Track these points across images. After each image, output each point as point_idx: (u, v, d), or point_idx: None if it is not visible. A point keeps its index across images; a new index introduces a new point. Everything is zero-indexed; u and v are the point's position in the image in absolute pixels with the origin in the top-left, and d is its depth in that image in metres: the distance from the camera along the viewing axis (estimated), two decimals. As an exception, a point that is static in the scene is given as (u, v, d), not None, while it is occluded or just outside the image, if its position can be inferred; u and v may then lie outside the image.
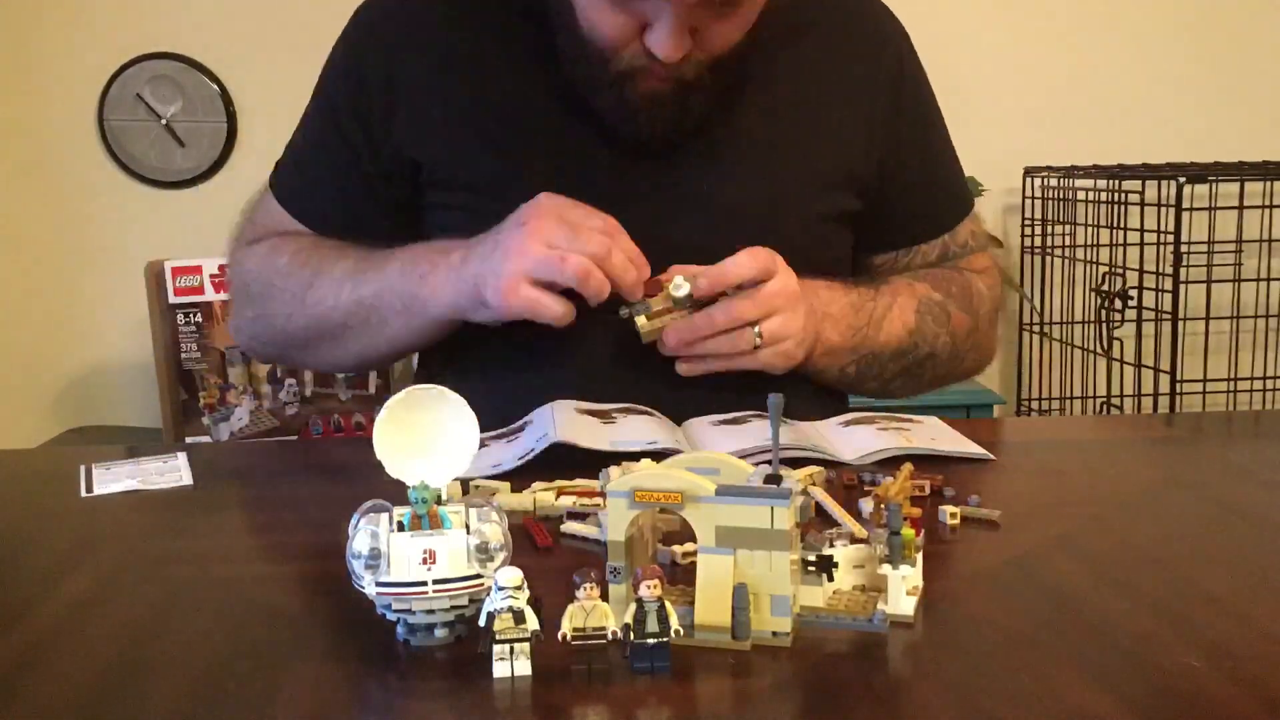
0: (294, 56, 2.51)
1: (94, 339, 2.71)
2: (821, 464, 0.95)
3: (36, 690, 0.62)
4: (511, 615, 0.59)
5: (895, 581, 0.67)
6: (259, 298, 1.21)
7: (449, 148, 1.16)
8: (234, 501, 0.98)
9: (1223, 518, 0.87)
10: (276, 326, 1.20)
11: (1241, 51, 2.78)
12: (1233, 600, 0.70)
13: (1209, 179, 2.38)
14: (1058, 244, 2.66)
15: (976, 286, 1.26)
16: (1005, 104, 2.74)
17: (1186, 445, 1.13)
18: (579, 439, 0.96)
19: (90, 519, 0.90)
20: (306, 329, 1.18)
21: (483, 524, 0.63)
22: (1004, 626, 0.67)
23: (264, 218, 1.25)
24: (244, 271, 1.23)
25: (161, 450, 1.07)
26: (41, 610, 0.72)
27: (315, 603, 0.73)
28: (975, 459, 1.00)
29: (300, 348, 1.21)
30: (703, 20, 1.03)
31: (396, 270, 1.11)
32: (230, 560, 0.81)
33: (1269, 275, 2.52)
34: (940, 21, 2.67)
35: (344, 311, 1.14)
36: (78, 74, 2.63)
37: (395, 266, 1.12)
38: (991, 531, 0.83)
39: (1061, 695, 0.58)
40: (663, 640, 0.60)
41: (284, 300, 1.18)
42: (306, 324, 1.17)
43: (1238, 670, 0.61)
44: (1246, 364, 2.57)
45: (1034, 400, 2.73)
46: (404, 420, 0.67)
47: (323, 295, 1.15)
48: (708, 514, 0.63)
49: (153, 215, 2.68)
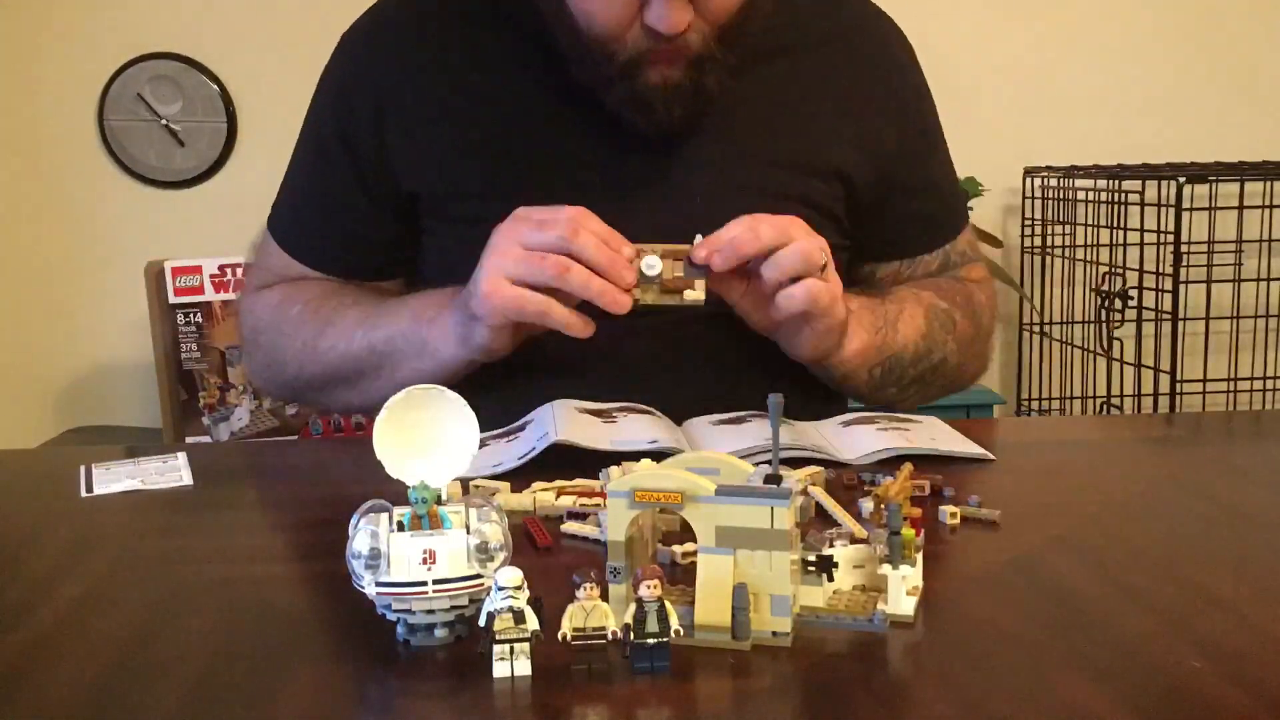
0: (294, 56, 2.50)
1: (94, 339, 2.71)
2: (821, 464, 0.95)
3: (36, 690, 0.62)
4: (511, 615, 0.59)
5: (895, 581, 0.67)
6: (269, 347, 1.21)
7: (444, 178, 1.15)
8: (234, 501, 0.98)
9: (1223, 518, 0.87)
10: (289, 374, 1.20)
11: (1241, 51, 2.78)
12: (1233, 600, 0.70)
13: (1209, 179, 2.38)
14: (1058, 244, 2.66)
15: (977, 296, 1.26)
16: (1005, 104, 2.74)
17: (1186, 445, 1.13)
18: (579, 439, 0.96)
19: (90, 519, 0.90)
20: (319, 376, 1.18)
21: (483, 524, 0.63)
22: (1004, 626, 0.67)
23: (269, 260, 1.25)
24: (255, 319, 1.23)
25: (161, 450, 1.07)
26: (41, 610, 0.72)
27: (315, 603, 0.73)
28: (975, 459, 1.00)
29: (317, 391, 1.21)
30: None
31: (408, 316, 1.11)
32: (230, 560, 0.81)
33: (1269, 275, 2.52)
34: (940, 21, 2.67)
35: (355, 358, 1.14)
36: (78, 74, 2.63)
37: (407, 314, 1.12)
38: (991, 531, 0.83)
39: (1061, 695, 0.58)
40: (663, 640, 0.60)
41: (295, 349, 1.18)
42: (319, 371, 1.17)
43: (1238, 670, 0.61)
44: (1246, 364, 2.57)
45: (1034, 400, 2.73)
46: (404, 420, 0.67)
47: (334, 342, 1.15)
48: (708, 514, 0.63)
49: (153, 215, 2.68)
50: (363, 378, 1.15)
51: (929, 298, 1.20)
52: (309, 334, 1.17)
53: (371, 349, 1.13)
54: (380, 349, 1.12)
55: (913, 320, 1.17)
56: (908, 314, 1.17)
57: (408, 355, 1.11)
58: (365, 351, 1.13)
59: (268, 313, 1.21)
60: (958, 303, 1.22)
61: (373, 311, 1.15)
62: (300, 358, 1.18)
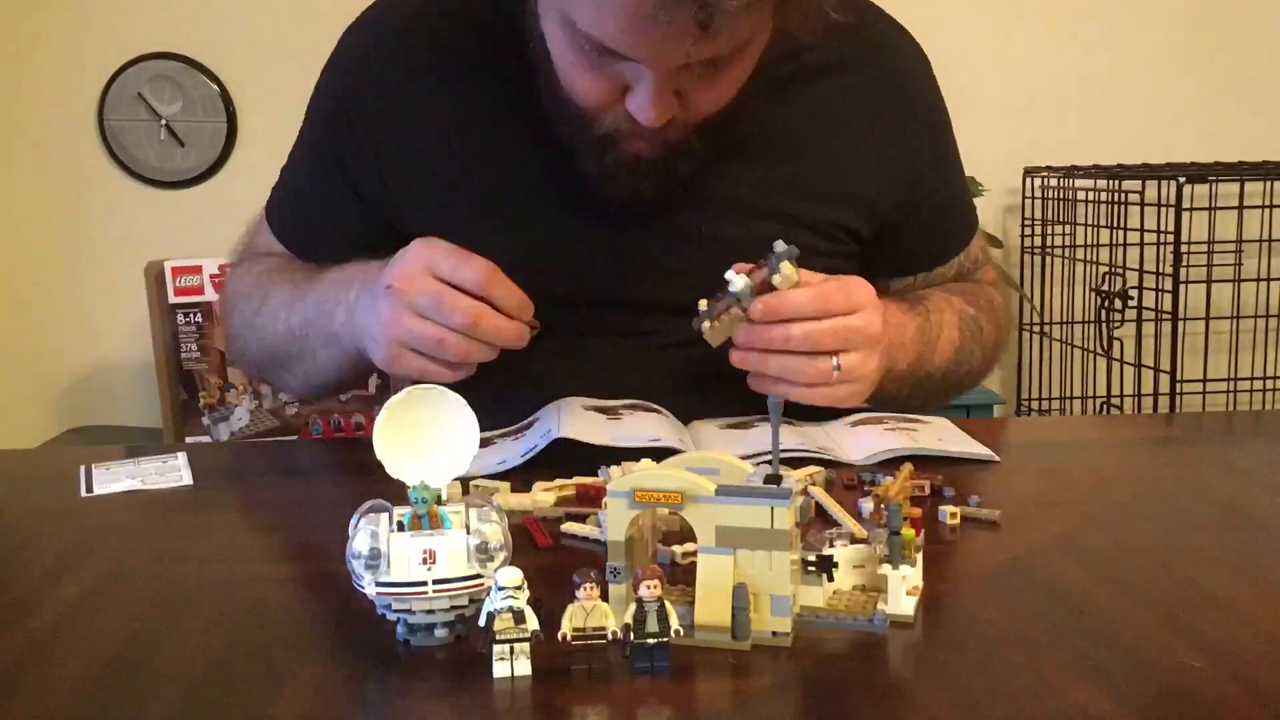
0: (294, 56, 2.50)
1: (94, 339, 2.71)
2: (822, 464, 0.95)
3: (37, 690, 0.62)
4: (511, 615, 0.59)
5: (895, 581, 0.67)
6: (228, 318, 1.23)
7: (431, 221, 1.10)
8: (234, 501, 0.98)
9: (1223, 518, 0.87)
10: (238, 348, 1.22)
11: (1241, 52, 2.78)
12: (1233, 600, 0.70)
13: (1209, 179, 2.38)
14: (1058, 244, 2.66)
15: (995, 299, 1.26)
16: (1005, 104, 2.74)
17: (1186, 445, 1.13)
18: (581, 435, 0.96)
19: (90, 519, 0.90)
20: (260, 353, 1.19)
21: (483, 524, 0.63)
22: (1004, 626, 0.67)
23: (259, 239, 1.26)
24: (227, 292, 1.25)
25: (161, 450, 1.07)
26: (41, 610, 0.72)
27: (315, 603, 0.73)
28: (976, 459, 1.00)
29: (264, 370, 1.22)
30: (687, 83, 0.96)
31: (314, 303, 1.10)
32: (230, 560, 0.81)
33: (1269, 275, 2.52)
34: (941, 21, 2.66)
35: (284, 337, 1.14)
36: (78, 74, 2.63)
37: (314, 300, 1.10)
38: (991, 531, 0.83)
39: (1061, 695, 0.58)
40: (663, 640, 0.60)
41: (242, 323, 1.19)
42: (259, 348, 1.18)
43: (1238, 670, 0.61)
44: (1246, 364, 2.57)
45: (1034, 400, 2.73)
46: (404, 420, 0.67)
47: (266, 321, 1.15)
48: (708, 514, 0.63)
49: (153, 215, 2.68)
50: (291, 359, 1.15)
51: (959, 304, 1.19)
52: (249, 310, 1.18)
53: (291, 332, 1.12)
54: (299, 333, 1.12)
55: (950, 337, 1.15)
56: (947, 329, 1.15)
57: (319, 342, 1.10)
58: (287, 333, 1.13)
59: (234, 284, 1.23)
60: (982, 307, 1.22)
61: (297, 293, 1.13)
62: (243, 331, 1.19)
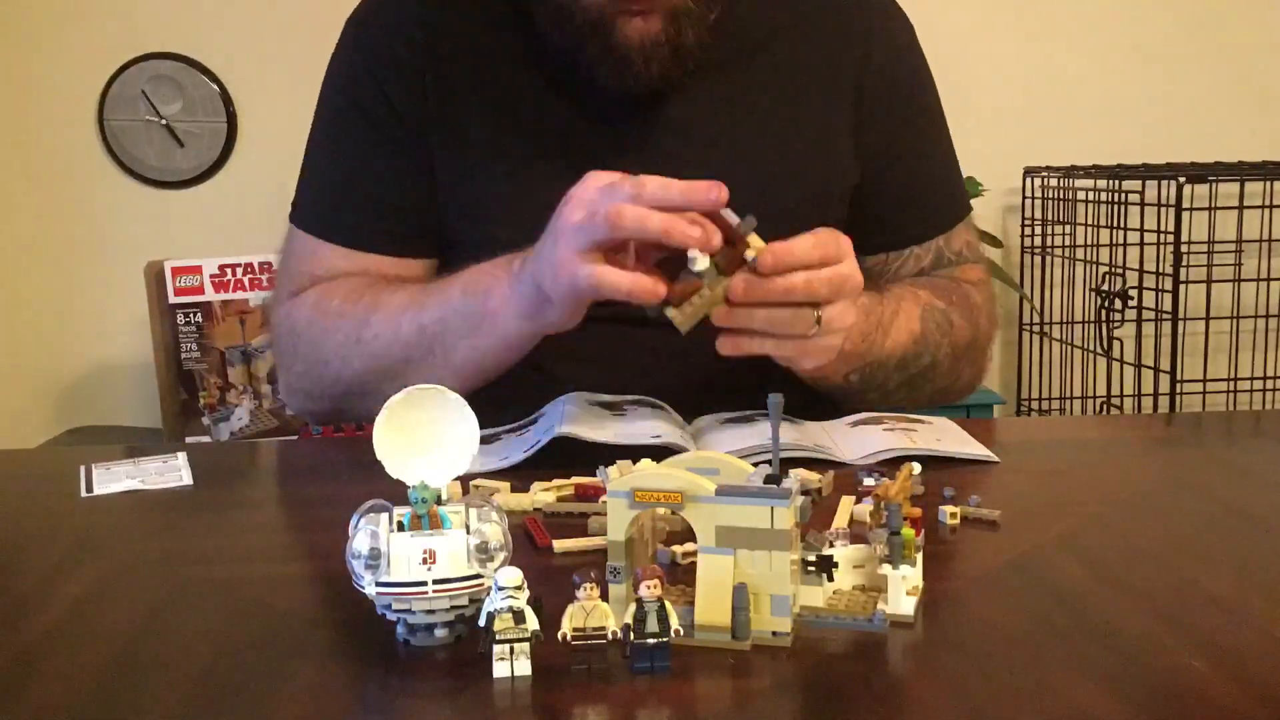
0: (294, 56, 2.51)
1: (94, 339, 2.71)
2: (822, 464, 0.95)
3: (36, 690, 0.62)
4: (511, 615, 0.59)
5: (895, 581, 0.67)
6: (310, 346, 1.14)
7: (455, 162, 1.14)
8: (234, 501, 0.98)
9: (1223, 518, 0.87)
10: (330, 375, 1.13)
11: (1241, 51, 2.78)
12: (1233, 600, 0.70)
13: (1209, 179, 2.38)
14: (1058, 244, 2.66)
15: (974, 298, 1.22)
16: (1005, 104, 2.74)
17: (1186, 445, 1.13)
18: (582, 432, 0.96)
19: (90, 519, 0.90)
20: (364, 370, 1.10)
21: (483, 524, 0.63)
22: (1004, 626, 0.67)
23: (297, 262, 1.19)
24: (291, 323, 1.16)
25: (161, 450, 1.07)
26: (41, 610, 0.72)
27: (315, 603, 0.73)
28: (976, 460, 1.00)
29: (358, 395, 1.12)
30: None
31: (459, 291, 1.05)
32: (230, 560, 0.81)
33: (1269, 275, 2.52)
34: (940, 21, 2.66)
35: (404, 344, 1.07)
36: (78, 74, 2.63)
37: (457, 288, 1.06)
38: (991, 531, 0.83)
39: (1061, 695, 0.58)
40: (663, 640, 0.60)
41: (338, 342, 1.11)
42: (364, 364, 1.10)
43: (1238, 670, 0.61)
44: (1246, 364, 2.57)
45: (1034, 400, 2.73)
46: (404, 420, 0.67)
47: (380, 329, 1.08)
48: (708, 514, 0.63)
49: (153, 215, 2.68)
50: (410, 365, 1.07)
51: (926, 296, 1.16)
52: (350, 325, 1.10)
53: (421, 330, 1.06)
54: (431, 330, 1.06)
55: (907, 323, 1.13)
56: (903, 316, 1.13)
57: (462, 332, 1.04)
58: (415, 335, 1.07)
59: (305, 313, 1.15)
60: (954, 302, 1.18)
61: (419, 293, 1.09)
62: (343, 352, 1.11)
